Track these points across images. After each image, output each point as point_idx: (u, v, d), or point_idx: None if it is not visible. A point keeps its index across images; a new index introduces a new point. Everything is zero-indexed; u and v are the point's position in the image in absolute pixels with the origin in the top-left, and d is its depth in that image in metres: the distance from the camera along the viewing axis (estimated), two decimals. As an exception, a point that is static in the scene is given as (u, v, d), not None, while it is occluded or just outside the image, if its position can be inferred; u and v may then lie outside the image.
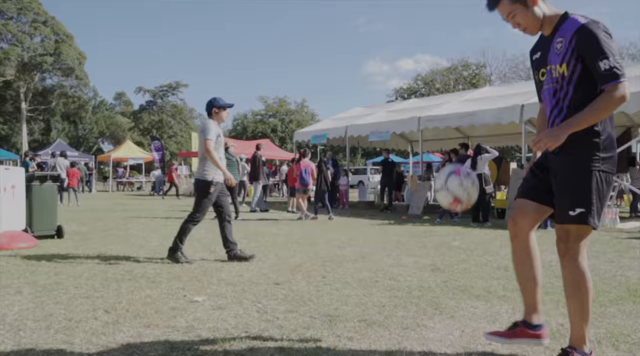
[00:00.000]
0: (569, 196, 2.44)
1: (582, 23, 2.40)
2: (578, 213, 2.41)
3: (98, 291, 3.97)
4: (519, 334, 2.67)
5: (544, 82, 2.60)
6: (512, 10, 2.53)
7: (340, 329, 3.05)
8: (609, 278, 4.73)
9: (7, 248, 5.88)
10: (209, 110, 5.64)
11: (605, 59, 2.30)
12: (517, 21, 2.55)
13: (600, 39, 2.33)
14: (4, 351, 2.61)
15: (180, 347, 2.69)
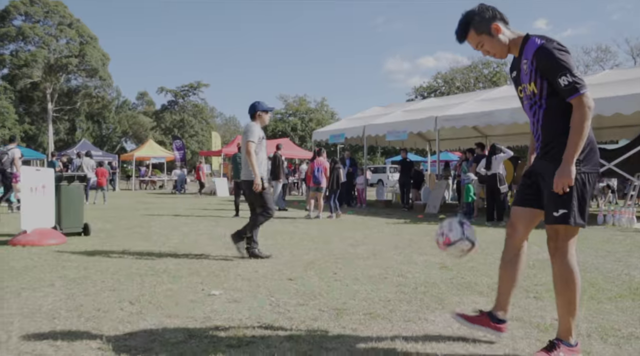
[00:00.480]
0: (552, 199, 2.64)
1: (539, 45, 2.64)
2: (561, 214, 2.61)
3: (123, 284, 4.26)
4: (481, 322, 2.91)
5: (523, 98, 2.87)
6: (480, 40, 2.82)
7: (346, 321, 3.28)
8: (613, 276, 4.85)
9: (39, 244, 6.24)
10: (253, 113, 5.95)
11: (564, 75, 2.54)
12: (486, 49, 2.83)
13: (556, 57, 2.57)
14: (42, 335, 2.89)
15: (198, 335, 2.95)
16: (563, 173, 2.55)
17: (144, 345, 2.75)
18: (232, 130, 66.00)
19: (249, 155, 5.67)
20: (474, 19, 2.80)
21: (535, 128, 2.79)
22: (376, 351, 2.72)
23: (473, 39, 2.83)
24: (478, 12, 2.80)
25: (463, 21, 2.84)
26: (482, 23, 2.78)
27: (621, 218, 10.42)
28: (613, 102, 10.40)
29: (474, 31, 2.81)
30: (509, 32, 2.81)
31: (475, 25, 2.79)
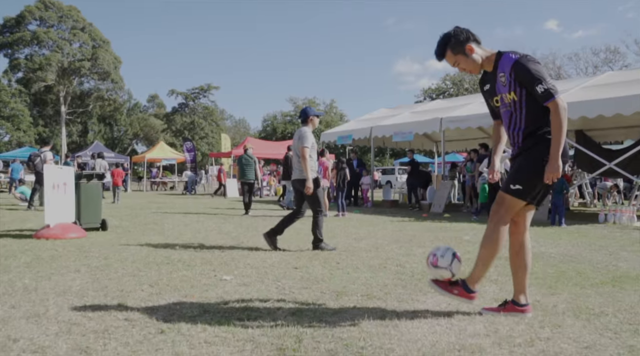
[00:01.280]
0: (514, 174, 3.12)
1: (515, 59, 3.08)
2: (516, 189, 3.08)
3: (142, 271, 4.64)
4: (508, 309, 3.28)
5: (500, 107, 3.30)
6: (456, 60, 3.27)
7: (345, 301, 3.63)
8: (600, 267, 5.15)
9: (61, 237, 6.64)
10: (305, 118, 6.38)
11: (539, 83, 2.99)
12: (462, 67, 3.29)
13: (531, 69, 3.02)
14: (75, 309, 3.27)
15: (211, 310, 3.31)
16: (552, 168, 2.97)
17: (164, 318, 3.12)
18: (241, 133, 66.55)
19: (304, 160, 6.15)
20: (450, 41, 3.23)
21: (515, 133, 3.19)
22: (370, 323, 3.06)
23: (450, 58, 3.27)
24: (454, 35, 3.22)
25: (441, 43, 3.27)
26: (457, 44, 3.20)
27: (622, 217, 10.62)
28: (614, 103, 10.66)
29: (451, 51, 3.24)
30: (481, 50, 3.24)
31: (452, 46, 3.22)
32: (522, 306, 3.26)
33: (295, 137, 6.40)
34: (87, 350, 2.52)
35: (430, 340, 2.74)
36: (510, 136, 3.26)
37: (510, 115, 3.19)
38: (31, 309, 3.27)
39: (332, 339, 2.74)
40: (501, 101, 3.22)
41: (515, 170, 3.14)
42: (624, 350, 2.60)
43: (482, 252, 3.23)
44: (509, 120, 3.21)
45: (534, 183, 3.06)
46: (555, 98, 2.95)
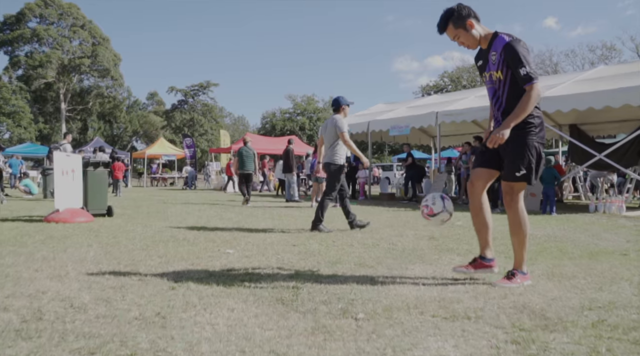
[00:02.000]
0: (514, 161, 3.36)
1: (507, 41, 3.35)
2: (522, 175, 3.35)
3: (150, 247, 4.96)
4: (478, 266, 3.58)
5: (487, 83, 3.58)
6: (457, 33, 3.52)
7: (339, 268, 3.95)
8: (581, 245, 5.47)
9: (70, 221, 6.96)
10: (338, 106, 6.81)
11: (523, 67, 3.26)
12: (461, 41, 3.55)
13: (519, 53, 3.28)
14: (92, 273, 3.59)
15: (216, 275, 3.63)
16: (501, 133, 3.25)
17: (174, 278, 3.44)
18: (240, 130, 66.86)
19: (348, 144, 6.74)
20: (453, 15, 3.48)
21: (497, 110, 3.50)
22: (360, 283, 3.38)
23: (451, 31, 3.51)
24: (457, 10, 3.48)
25: (444, 16, 3.52)
26: (459, 19, 3.46)
27: (611, 207, 10.93)
28: (603, 96, 10.96)
29: (452, 25, 3.49)
30: (480, 28, 3.50)
31: (454, 20, 3.47)
32: (489, 261, 3.56)
33: (329, 124, 6.84)
34: (108, 300, 2.83)
35: (414, 294, 3.06)
36: (493, 113, 3.56)
37: (494, 92, 3.48)
38: (53, 272, 3.59)
39: (325, 294, 3.05)
40: (489, 78, 3.50)
41: (513, 159, 3.37)
42: (586, 302, 2.92)
43: (514, 239, 3.46)
44: (493, 96, 3.51)
45: (531, 165, 3.34)
46: (533, 82, 3.23)
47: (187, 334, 2.26)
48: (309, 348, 2.09)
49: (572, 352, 2.07)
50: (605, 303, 2.86)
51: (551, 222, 8.35)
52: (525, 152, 3.33)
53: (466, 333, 2.32)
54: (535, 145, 3.34)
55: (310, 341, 2.19)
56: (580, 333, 2.32)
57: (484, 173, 3.56)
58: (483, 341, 2.20)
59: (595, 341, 2.21)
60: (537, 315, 2.62)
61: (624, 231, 6.95)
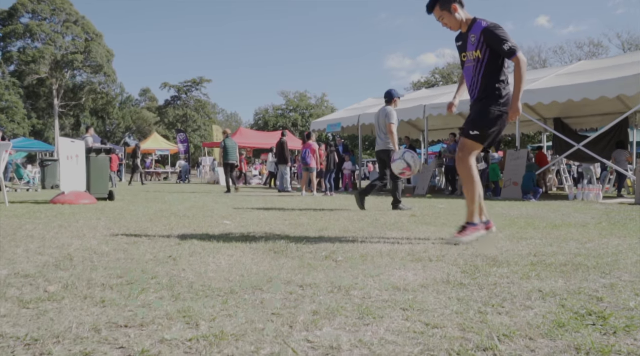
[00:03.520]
0: (472, 121, 3.90)
1: (485, 26, 3.88)
2: (474, 134, 3.84)
3: (154, 221, 5.43)
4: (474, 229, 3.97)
5: (466, 62, 4.08)
6: (441, 15, 4.04)
7: (325, 234, 4.44)
8: (548, 220, 5.97)
9: (75, 203, 7.41)
10: (391, 98, 7.39)
11: (505, 43, 3.78)
12: (444, 22, 4.07)
13: (498, 33, 3.81)
14: (106, 235, 4.06)
15: (216, 236, 4.11)
16: (515, 108, 3.78)
17: (179, 238, 3.92)
18: (233, 127, 67.13)
19: (392, 135, 7.31)
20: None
21: (474, 85, 4.00)
22: (343, 242, 3.87)
23: (437, 12, 4.02)
24: None
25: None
26: (446, 2, 3.97)
27: (589, 194, 11.51)
28: (582, 88, 11.51)
29: (439, 7, 4.00)
30: (463, 13, 4.01)
31: (441, 3, 3.99)
32: (485, 223, 4.06)
33: (381, 114, 7.47)
34: (125, 250, 3.31)
35: (388, 248, 3.55)
36: (469, 88, 4.07)
37: (472, 70, 3.97)
38: (73, 233, 4.08)
39: (312, 248, 3.54)
40: (469, 57, 4.00)
41: (472, 119, 3.91)
42: (534, 252, 3.42)
43: (465, 192, 3.96)
44: (471, 75, 4.00)
45: (488, 129, 3.84)
46: (518, 54, 3.74)
47: (196, 268, 2.74)
48: (296, 275, 2.58)
49: (508, 276, 2.57)
50: (549, 253, 3.37)
51: (528, 206, 8.88)
52: (485, 116, 3.86)
53: (426, 268, 2.82)
54: (495, 112, 3.84)
55: (297, 271, 2.68)
56: (520, 268, 2.82)
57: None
58: (439, 272, 2.70)
59: (529, 271, 2.71)
60: (490, 259, 3.11)
61: (593, 212, 7.46)
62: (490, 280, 2.48)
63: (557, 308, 1.98)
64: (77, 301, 2.00)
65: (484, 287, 2.32)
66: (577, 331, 1.69)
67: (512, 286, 2.33)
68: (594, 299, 2.11)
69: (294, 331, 1.69)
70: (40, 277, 2.46)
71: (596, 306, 1.99)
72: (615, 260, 3.04)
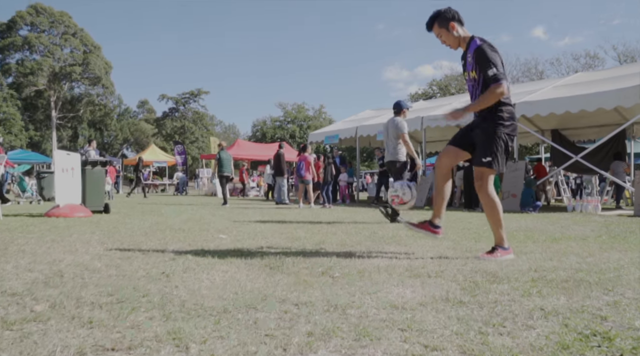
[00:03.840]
0: (483, 149, 3.83)
1: (478, 45, 3.83)
2: (487, 161, 3.80)
3: (149, 233, 5.36)
4: (423, 227, 4.06)
5: (467, 81, 4.06)
6: (440, 32, 4.01)
7: (322, 247, 4.38)
8: (547, 233, 5.93)
9: (70, 216, 7.33)
10: (400, 110, 7.45)
11: (490, 68, 3.71)
12: (443, 40, 4.04)
13: (488, 56, 3.74)
14: (99, 250, 3.99)
15: (211, 251, 4.04)
16: (457, 111, 3.80)
17: (174, 252, 3.85)
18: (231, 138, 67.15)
19: (407, 145, 7.34)
20: (439, 16, 3.96)
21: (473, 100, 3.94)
22: (340, 257, 3.80)
23: (435, 30, 4.00)
24: (443, 12, 3.96)
25: (432, 16, 4.00)
26: (444, 20, 3.94)
27: (587, 206, 11.48)
28: (579, 100, 11.51)
29: (437, 24, 3.97)
30: (462, 31, 3.96)
31: (439, 20, 3.96)
32: (436, 228, 4.04)
33: (390, 125, 7.51)
34: (118, 266, 3.24)
35: (386, 263, 3.49)
36: None
37: (472, 89, 3.95)
38: (65, 248, 4.00)
39: (308, 263, 3.48)
40: (468, 77, 3.98)
41: (482, 146, 3.82)
42: (534, 266, 3.36)
43: (489, 220, 3.91)
44: (471, 93, 3.98)
45: (499, 152, 3.78)
46: (500, 83, 3.65)
47: (189, 285, 2.67)
48: (291, 293, 2.51)
49: (508, 293, 2.51)
50: (549, 268, 3.31)
51: (527, 218, 8.84)
52: (493, 141, 3.79)
53: (425, 284, 2.76)
54: (503, 137, 3.78)
55: (292, 288, 2.61)
56: (520, 284, 2.76)
57: (452, 151, 4.04)
58: (437, 289, 2.64)
59: (530, 287, 2.65)
60: (489, 274, 3.05)
61: (592, 225, 7.42)
62: (490, 297, 2.42)
63: (560, 327, 1.92)
64: (63, 322, 1.93)
65: (484, 305, 2.26)
66: (582, 354, 1.63)
67: (513, 304, 2.27)
68: (597, 318, 2.05)
69: (287, 354, 1.63)
70: (27, 295, 2.39)
71: (600, 325, 1.93)
72: (618, 275, 2.99)
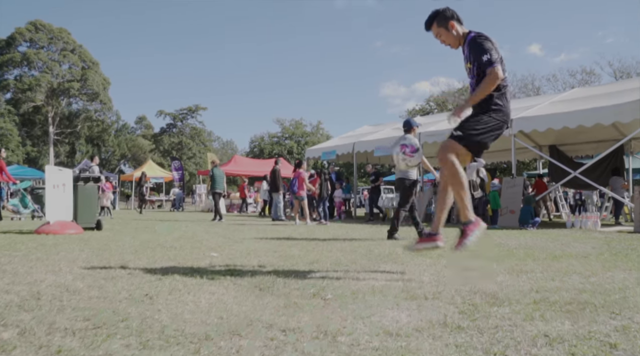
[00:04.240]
0: (460, 123, 3.70)
1: (472, 36, 3.77)
2: (457, 134, 3.67)
3: (139, 251, 5.21)
4: (421, 241, 3.88)
5: (467, 72, 3.93)
6: (439, 31, 3.94)
7: (315, 266, 4.23)
8: (548, 251, 5.80)
9: (60, 233, 7.18)
10: (410, 127, 7.45)
11: (484, 54, 3.61)
12: (442, 39, 3.96)
13: (481, 44, 3.67)
14: (84, 268, 3.84)
15: (201, 270, 3.89)
16: (460, 108, 3.65)
17: (161, 272, 3.71)
18: (229, 154, 67.07)
19: (424, 163, 7.53)
20: (438, 15, 3.89)
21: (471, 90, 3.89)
22: (334, 276, 3.66)
23: (435, 29, 3.92)
24: (442, 11, 3.89)
25: (431, 15, 3.92)
26: (443, 19, 3.87)
27: (587, 222, 11.35)
28: (576, 116, 11.46)
29: (436, 24, 3.90)
30: (461, 29, 3.89)
31: (438, 19, 3.88)
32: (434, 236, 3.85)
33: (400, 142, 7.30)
34: (100, 287, 3.10)
35: (381, 284, 3.35)
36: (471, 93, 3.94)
37: (471, 79, 3.86)
38: (47, 268, 3.85)
39: (300, 284, 3.33)
40: (467, 68, 3.90)
41: (460, 123, 3.71)
42: (535, 287, 3.23)
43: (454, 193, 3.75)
44: (470, 82, 3.89)
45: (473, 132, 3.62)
46: (494, 66, 3.55)
47: (172, 308, 2.53)
48: (280, 317, 2.37)
49: (510, 317, 2.37)
50: (551, 288, 3.17)
51: (526, 235, 8.70)
52: (472, 121, 3.66)
53: (421, 308, 2.62)
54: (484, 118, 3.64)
55: (281, 312, 2.47)
56: (522, 306, 2.63)
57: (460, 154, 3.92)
58: (434, 312, 2.50)
59: (533, 311, 2.51)
60: (489, 296, 2.92)
61: (593, 241, 7.29)
62: (490, 322, 2.28)
63: (566, 356, 1.78)
64: (29, 352, 1.79)
65: (484, 331, 2.13)
66: (592, 388, 1.50)
67: (514, 330, 2.13)
68: (606, 345, 1.91)
69: (270, 388, 1.49)
70: (-1, 320, 2.25)
71: (610, 354, 1.80)
72: (624, 297, 2.85)
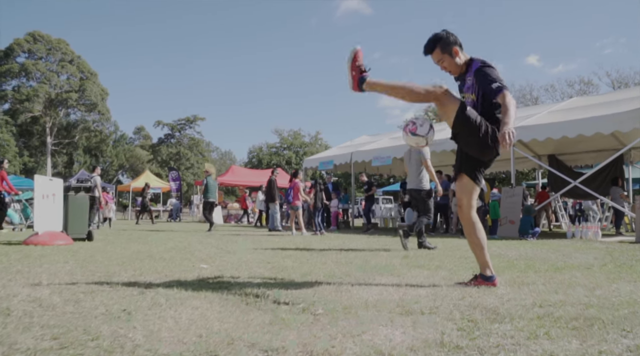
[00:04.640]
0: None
1: (478, 66, 3.60)
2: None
3: (126, 263, 5.03)
4: (478, 282, 3.69)
5: (466, 102, 3.76)
6: (442, 58, 3.74)
7: (308, 278, 4.05)
8: (549, 262, 5.63)
9: (49, 244, 6.99)
10: None
11: (493, 82, 3.46)
12: (444, 66, 3.77)
13: (488, 73, 3.51)
14: (64, 282, 3.66)
15: (187, 284, 3.71)
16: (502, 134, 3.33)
17: (145, 286, 3.53)
18: (227, 165, 66.92)
19: (430, 169, 7.39)
20: (441, 40, 3.69)
21: None
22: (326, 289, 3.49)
23: (437, 55, 3.71)
24: (445, 37, 3.69)
25: (432, 39, 3.71)
26: (447, 44, 3.67)
27: (587, 232, 11.18)
28: (576, 125, 11.34)
29: (440, 49, 3.69)
30: (463, 56, 3.73)
31: (442, 45, 3.68)
32: (490, 279, 3.67)
33: (414, 152, 7.48)
34: (77, 301, 2.92)
35: (375, 298, 3.18)
36: None
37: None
38: (26, 282, 3.67)
39: (290, 297, 3.16)
40: (466, 99, 3.76)
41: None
42: (538, 301, 3.05)
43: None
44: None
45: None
46: (504, 91, 3.39)
47: (149, 325, 2.36)
48: (264, 335, 2.20)
49: (512, 336, 2.20)
50: (555, 302, 3.00)
51: (526, 245, 8.53)
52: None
53: (417, 324, 2.45)
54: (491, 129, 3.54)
55: (266, 330, 2.30)
56: (525, 323, 2.46)
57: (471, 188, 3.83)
58: (431, 330, 2.33)
59: (537, 328, 2.34)
60: (489, 311, 2.75)
61: (595, 252, 7.12)
62: (491, 340, 2.11)
63: (575, 381, 1.61)
64: (-21, 377, 1.62)
65: (485, 351, 1.95)
66: None
67: (518, 350, 1.96)
68: (618, 368, 1.74)
69: None
70: (-41, 339, 2.07)
71: (623, 379, 1.63)
72: (633, 312, 2.68)
